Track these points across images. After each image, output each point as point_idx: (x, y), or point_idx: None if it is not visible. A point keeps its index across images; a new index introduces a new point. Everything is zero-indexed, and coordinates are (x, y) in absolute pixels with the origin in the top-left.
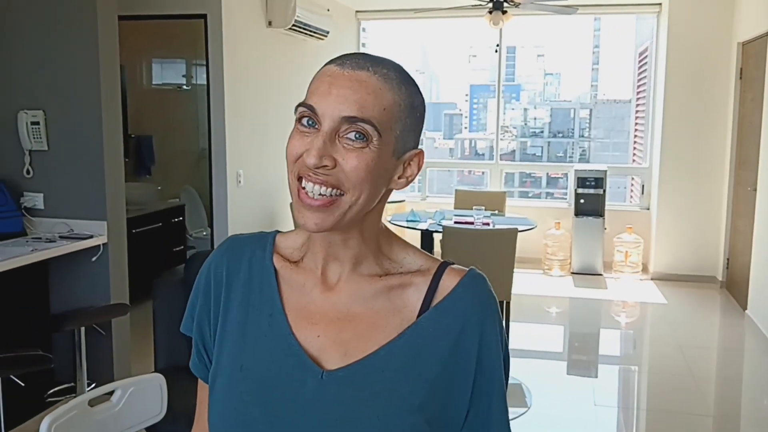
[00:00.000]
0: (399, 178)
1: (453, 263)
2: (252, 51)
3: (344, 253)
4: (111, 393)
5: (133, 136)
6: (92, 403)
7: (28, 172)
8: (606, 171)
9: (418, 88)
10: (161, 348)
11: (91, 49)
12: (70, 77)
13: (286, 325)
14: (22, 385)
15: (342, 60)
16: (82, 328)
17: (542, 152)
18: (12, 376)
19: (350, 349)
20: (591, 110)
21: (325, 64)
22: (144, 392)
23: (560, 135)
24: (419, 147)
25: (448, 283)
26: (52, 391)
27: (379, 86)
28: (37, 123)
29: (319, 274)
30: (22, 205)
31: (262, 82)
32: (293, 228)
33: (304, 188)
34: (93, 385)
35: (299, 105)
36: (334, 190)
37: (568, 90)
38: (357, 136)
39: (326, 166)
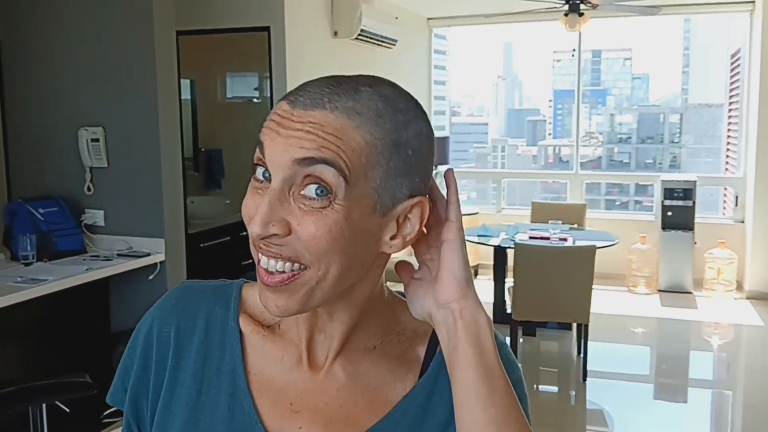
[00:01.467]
0: (392, 238)
1: None
2: (317, 62)
3: (332, 327)
4: None
5: (203, 150)
6: None
7: (88, 189)
8: (695, 181)
9: (415, 116)
10: None
11: (148, 65)
12: (128, 94)
13: (252, 412)
14: (67, 410)
15: (295, 95)
16: None
17: (630, 158)
18: (57, 402)
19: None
20: (681, 114)
21: (279, 99)
22: None
23: (649, 140)
24: (423, 192)
25: None
26: (107, 412)
27: (341, 124)
28: (97, 140)
29: (303, 348)
30: (82, 223)
31: None
32: None
33: (260, 261)
34: None
35: (256, 143)
36: (294, 264)
37: (657, 93)
38: (317, 191)
39: (276, 234)
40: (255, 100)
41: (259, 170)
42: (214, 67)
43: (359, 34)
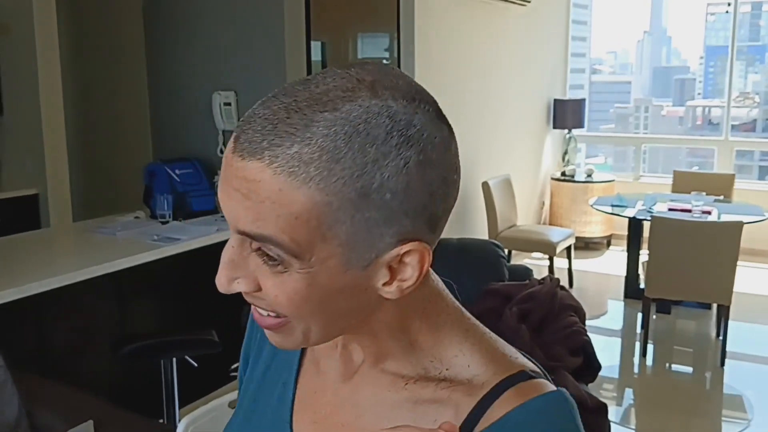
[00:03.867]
0: (386, 284)
1: (533, 377)
2: (445, 21)
3: (362, 346)
4: None
5: None
6: (232, 404)
7: (221, 151)
8: None
9: (404, 139)
10: None
11: (277, 28)
12: (258, 58)
13: (288, 409)
14: (195, 365)
15: (240, 128)
16: None
17: None
18: (187, 357)
19: None
20: None
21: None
22: None
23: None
24: (421, 235)
25: (502, 408)
26: (234, 366)
27: (280, 185)
28: (229, 104)
29: (339, 351)
30: (215, 184)
31: (456, 54)
32: None
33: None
34: None
35: None
36: (278, 314)
37: None
38: (269, 261)
39: (245, 291)
40: (385, 60)
41: None
42: (345, 28)
43: None
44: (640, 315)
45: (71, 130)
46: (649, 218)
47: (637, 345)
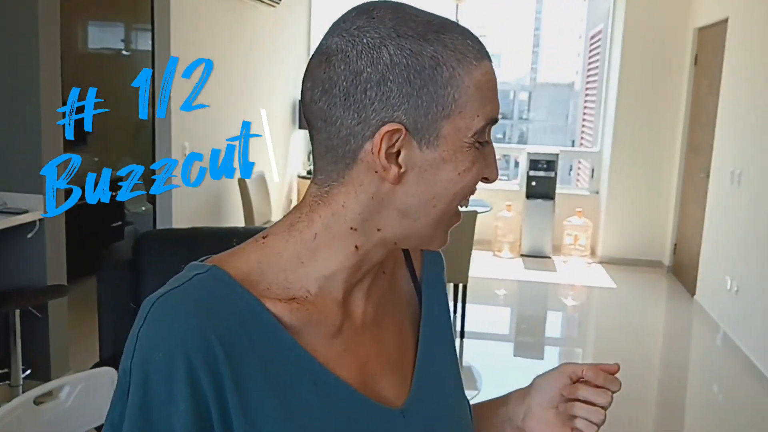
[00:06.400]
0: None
1: None
2: (201, 16)
3: (367, 273)
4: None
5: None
6: (37, 401)
7: None
8: (558, 154)
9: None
10: (107, 336)
11: (29, 9)
12: (4, 38)
13: (342, 388)
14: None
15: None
16: (17, 311)
17: None
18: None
19: (399, 366)
20: (530, 93)
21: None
22: (94, 388)
23: (500, 116)
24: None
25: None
26: None
27: None
28: None
29: (339, 307)
30: None
31: (213, 50)
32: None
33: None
34: (28, 371)
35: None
36: None
37: (508, 72)
38: None
39: None
40: (123, 52)
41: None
42: (77, 14)
43: None
44: None
45: None
46: None
47: None
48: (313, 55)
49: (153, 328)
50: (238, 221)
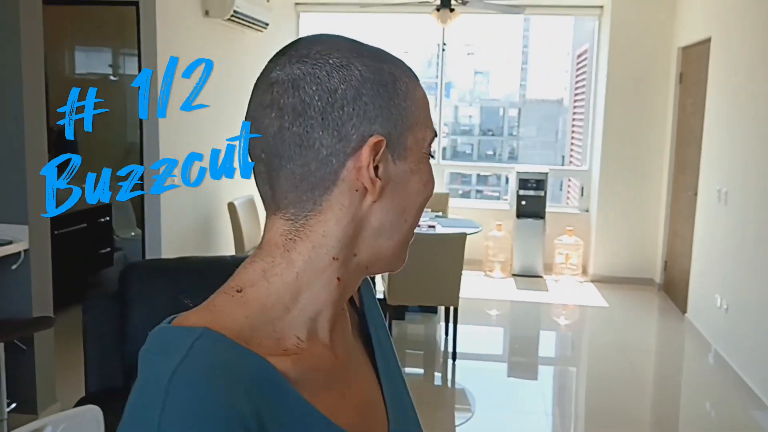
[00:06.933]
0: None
1: None
2: (188, 41)
3: (342, 308)
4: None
5: (54, 129)
6: None
7: None
8: (547, 173)
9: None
10: (92, 369)
11: (13, 36)
12: None
13: None
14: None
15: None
16: (1, 344)
17: (473, 150)
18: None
19: (375, 402)
20: (520, 109)
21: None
22: (77, 428)
23: (490, 133)
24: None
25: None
26: None
27: None
28: None
29: (327, 347)
30: None
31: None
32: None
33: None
34: (14, 404)
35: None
36: None
37: (497, 89)
38: None
39: None
40: (111, 77)
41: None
42: (64, 39)
43: (232, 16)
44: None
45: None
46: None
47: None
48: (261, 91)
49: (178, 414)
50: (227, 244)
